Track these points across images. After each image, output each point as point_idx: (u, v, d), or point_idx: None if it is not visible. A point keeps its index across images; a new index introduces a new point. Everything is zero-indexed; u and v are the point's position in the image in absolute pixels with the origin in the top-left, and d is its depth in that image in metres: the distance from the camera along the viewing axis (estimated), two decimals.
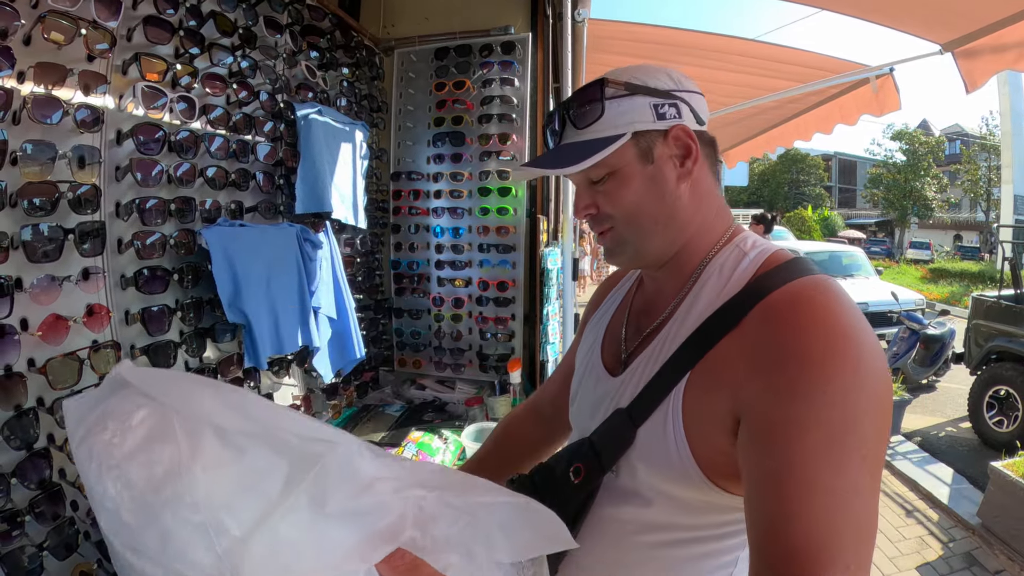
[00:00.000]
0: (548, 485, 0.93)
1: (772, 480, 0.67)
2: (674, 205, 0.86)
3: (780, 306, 0.74)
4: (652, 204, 0.85)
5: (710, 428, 0.76)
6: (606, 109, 0.84)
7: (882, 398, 0.69)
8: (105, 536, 0.49)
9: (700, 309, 0.83)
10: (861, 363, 0.67)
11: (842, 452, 0.65)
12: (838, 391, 0.66)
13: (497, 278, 2.47)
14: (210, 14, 1.47)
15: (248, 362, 1.56)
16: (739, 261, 0.83)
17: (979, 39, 2.60)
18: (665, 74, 0.86)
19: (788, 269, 0.78)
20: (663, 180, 0.85)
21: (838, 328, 0.69)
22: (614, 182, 0.85)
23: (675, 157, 0.85)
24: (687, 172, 0.85)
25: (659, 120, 0.84)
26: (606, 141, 0.83)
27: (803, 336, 0.69)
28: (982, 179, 28.26)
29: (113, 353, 1.22)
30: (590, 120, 0.85)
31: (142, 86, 1.27)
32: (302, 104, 1.87)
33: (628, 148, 0.84)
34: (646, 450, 0.82)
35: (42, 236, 1.08)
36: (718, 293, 0.82)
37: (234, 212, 1.60)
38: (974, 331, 5.98)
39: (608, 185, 0.86)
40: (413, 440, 1.93)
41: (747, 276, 0.80)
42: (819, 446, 0.65)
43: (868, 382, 0.67)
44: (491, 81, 2.44)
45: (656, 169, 0.85)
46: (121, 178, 1.27)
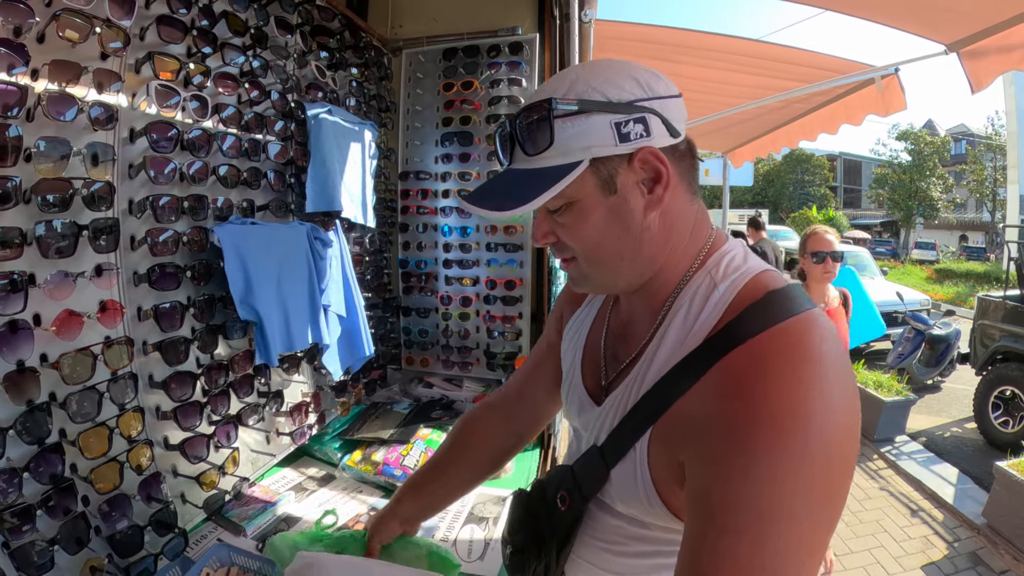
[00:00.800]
0: (541, 507, 0.96)
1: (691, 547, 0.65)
2: (640, 238, 0.77)
3: (736, 371, 0.68)
4: (615, 239, 0.77)
5: (673, 480, 0.74)
6: (556, 133, 0.73)
7: (834, 473, 0.63)
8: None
9: (666, 353, 0.78)
10: (808, 446, 0.62)
11: (767, 538, 0.61)
12: (771, 475, 0.61)
13: (505, 277, 2.47)
14: (222, 14, 1.47)
15: (259, 359, 1.56)
16: (708, 295, 0.77)
17: (984, 39, 2.60)
18: (631, 79, 0.75)
19: (756, 314, 0.71)
20: (628, 212, 0.76)
21: (789, 405, 0.63)
22: (572, 215, 0.76)
23: (642, 183, 0.76)
24: (656, 200, 0.76)
25: (622, 143, 0.72)
26: (559, 171, 0.73)
27: (748, 411, 0.64)
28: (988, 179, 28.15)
29: (126, 349, 1.22)
30: (540, 147, 0.74)
31: (156, 84, 1.27)
32: (312, 104, 1.86)
33: (587, 177, 0.74)
34: (620, 490, 0.82)
35: (56, 232, 1.08)
36: (684, 337, 0.76)
37: (246, 210, 1.60)
38: (980, 331, 5.97)
39: (566, 217, 0.77)
40: (422, 437, 1.93)
41: (713, 320, 0.74)
42: (745, 531, 0.61)
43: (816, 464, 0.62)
44: (499, 81, 2.43)
45: (620, 200, 0.75)
46: (134, 175, 1.27)
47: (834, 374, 0.65)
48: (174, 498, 1.38)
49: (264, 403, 1.67)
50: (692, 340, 0.75)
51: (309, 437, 1.90)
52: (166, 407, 1.36)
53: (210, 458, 1.46)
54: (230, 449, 1.54)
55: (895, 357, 7.03)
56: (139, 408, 1.26)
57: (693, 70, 4.17)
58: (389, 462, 1.79)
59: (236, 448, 1.56)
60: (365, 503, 1.72)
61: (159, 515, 1.28)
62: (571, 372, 1.00)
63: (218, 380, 1.49)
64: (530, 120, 0.74)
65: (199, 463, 1.42)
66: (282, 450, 1.81)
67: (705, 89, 4.52)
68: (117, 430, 1.20)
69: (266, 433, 1.72)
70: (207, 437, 1.43)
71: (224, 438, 1.52)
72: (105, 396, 1.17)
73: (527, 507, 0.99)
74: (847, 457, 0.65)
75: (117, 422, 1.20)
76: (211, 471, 1.46)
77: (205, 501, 1.46)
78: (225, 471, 1.52)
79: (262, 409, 1.66)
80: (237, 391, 1.56)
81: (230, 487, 1.56)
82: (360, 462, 1.83)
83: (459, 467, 1.25)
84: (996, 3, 2.35)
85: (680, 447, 0.72)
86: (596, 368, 0.94)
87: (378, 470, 1.78)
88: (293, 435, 1.80)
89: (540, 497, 0.97)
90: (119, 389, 1.21)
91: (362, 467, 1.81)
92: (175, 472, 1.40)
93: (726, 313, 0.73)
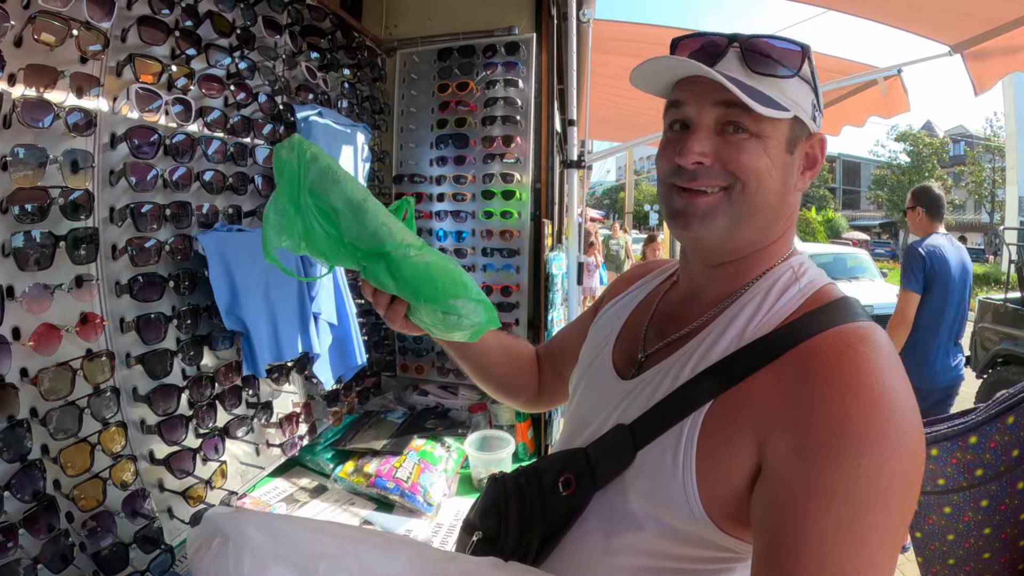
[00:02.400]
0: (534, 491, 0.87)
1: (785, 550, 0.62)
2: (785, 202, 0.81)
3: (823, 356, 0.68)
4: (776, 187, 0.78)
5: (726, 469, 0.70)
6: (797, 76, 0.78)
7: (915, 472, 0.65)
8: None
9: (737, 331, 0.76)
10: (901, 436, 0.63)
11: (864, 530, 0.60)
12: (873, 464, 0.61)
13: (501, 282, 2.43)
14: (207, 14, 1.44)
15: (246, 370, 1.53)
16: (788, 287, 0.78)
17: (989, 40, 2.57)
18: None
19: (835, 311, 0.73)
20: (790, 175, 0.80)
21: (883, 394, 0.64)
22: (757, 143, 0.76)
23: (803, 161, 0.82)
24: (804, 182, 0.83)
25: (812, 121, 0.80)
26: (776, 103, 0.75)
27: (844, 398, 0.64)
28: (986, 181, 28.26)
29: (108, 362, 1.19)
30: (775, 72, 0.77)
31: (136, 88, 1.23)
32: (302, 106, 1.83)
33: (785, 125, 0.77)
34: (645, 476, 0.76)
35: (34, 243, 1.04)
36: (760, 318, 0.76)
37: (232, 217, 1.57)
38: (980, 334, 5.94)
39: (751, 143, 0.75)
40: (415, 449, 1.89)
41: (792, 308, 0.76)
42: (841, 522, 0.61)
43: (904, 456, 0.63)
44: (495, 82, 2.39)
45: (791, 162, 0.80)
46: (115, 182, 1.24)
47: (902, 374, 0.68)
48: (160, 513, 1.34)
49: (252, 415, 1.64)
50: (767, 324, 0.75)
51: (300, 448, 1.87)
52: (151, 421, 1.32)
53: (197, 472, 1.42)
54: (218, 462, 1.50)
55: None
56: (122, 423, 1.22)
57: None
58: (381, 474, 1.76)
59: (224, 461, 1.52)
60: (357, 515, 1.69)
61: (144, 531, 1.25)
62: (597, 350, 0.97)
63: (204, 392, 1.45)
64: (784, 48, 0.77)
65: (186, 477, 1.38)
66: (272, 462, 1.77)
67: None
68: (99, 446, 1.16)
69: (255, 445, 1.68)
70: (193, 451, 1.40)
71: (211, 451, 1.48)
72: (86, 411, 1.13)
73: (512, 491, 0.90)
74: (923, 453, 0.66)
75: (99, 438, 1.16)
76: (198, 485, 1.42)
77: (192, 516, 1.42)
78: (213, 485, 1.48)
79: (250, 421, 1.62)
80: (224, 403, 1.52)
81: (218, 501, 1.53)
82: (352, 474, 1.80)
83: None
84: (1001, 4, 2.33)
85: (751, 430, 0.69)
86: (632, 344, 0.90)
87: (370, 482, 1.75)
88: (283, 446, 1.77)
89: (534, 481, 0.89)
90: (100, 404, 1.17)
91: (354, 479, 1.78)
92: (161, 487, 1.36)
93: (805, 304, 0.76)
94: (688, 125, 0.79)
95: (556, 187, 2.85)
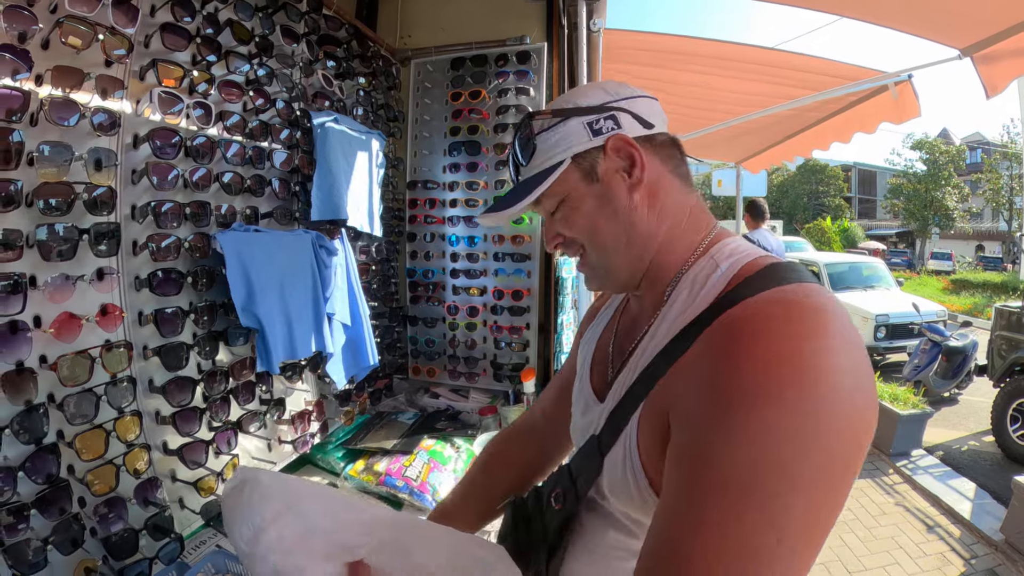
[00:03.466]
0: (536, 510, 0.94)
1: (665, 511, 0.63)
2: (630, 218, 0.82)
3: (729, 324, 0.67)
4: (608, 222, 0.83)
5: (659, 455, 0.70)
6: (538, 143, 0.84)
7: (832, 442, 0.58)
8: None
9: (664, 331, 0.78)
10: (804, 399, 0.57)
11: (747, 498, 0.56)
12: (759, 429, 0.57)
13: (512, 287, 2.45)
14: (227, 22, 1.48)
15: (260, 366, 1.56)
16: (710, 275, 0.77)
17: (999, 43, 2.55)
18: (599, 89, 0.85)
19: (758, 280, 0.71)
20: (614, 196, 0.82)
21: (785, 353, 0.60)
22: (566, 208, 0.84)
23: (621, 170, 0.82)
24: (637, 181, 0.82)
25: (595, 136, 0.81)
26: (548, 172, 0.82)
27: (737, 359, 0.61)
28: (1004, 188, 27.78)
29: (125, 353, 1.23)
30: (528, 156, 0.85)
31: (159, 91, 1.27)
32: (318, 112, 1.87)
33: (571, 172, 0.82)
34: (610, 477, 0.80)
35: (57, 236, 1.09)
36: (683, 313, 0.76)
37: (249, 217, 1.61)
38: (997, 343, 5.87)
39: (562, 212, 0.85)
40: (425, 448, 1.91)
41: (715, 292, 0.74)
42: (719, 487, 0.57)
43: (809, 422, 0.57)
44: (506, 91, 2.43)
45: (604, 187, 0.82)
46: (137, 181, 1.28)
47: (839, 342, 0.61)
48: (172, 503, 1.37)
49: (265, 410, 1.66)
50: (691, 313, 0.75)
51: (311, 446, 1.89)
52: (165, 412, 1.36)
53: (209, 464, 1.45)
54: (230, 456, 1.53)
55: (911, 369, 6.93)
56: (137, 412, 1.26)
57: (701, 78, 4.16)
58: (391, 473, 1.77)
59: (236, 455, 1.55)
60: None
61: (155, 519, 1.28)
62: (581, 376, 1.01)
63: (218, 386, 1.48)
64: (519, 136, 0.87)
65: (197, 468, 1.42)
66: (284, 458, 1.79)
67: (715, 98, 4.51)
68: (114, 433, 1.20)
69: (267, 441, 1.71)
70: (206, 443, 1.43)
71: (224, 444, 1.51)
72: (103, 399, 1.17)
73: (522, 512, 0.97)
74: (855, 429, 0.60)
75: (114, 425, 1.20)
76: (209, 477, 1.45)
77: (203, 507, 1.45)
78: (224, 478, 1.51)
79: (263, 416, 1.65)
80: (238, 398, 1.55)
81: None
82: (363, 472, 1.81)
83: (489, 491, 1.20)
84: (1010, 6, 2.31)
85: (668, 407, 0.69)
86: (603, 367, 0.94)
87: (380, 480, 1.76)
88: (295, 443, 1.79)
89: (535, 500, 0.95)
90: (117, 392, 1.21)
91: (364, 477, 1.79)
92: (173, 477, 1.39)
93: (730, 283, 0.73)
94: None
95: None
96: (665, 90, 4.50)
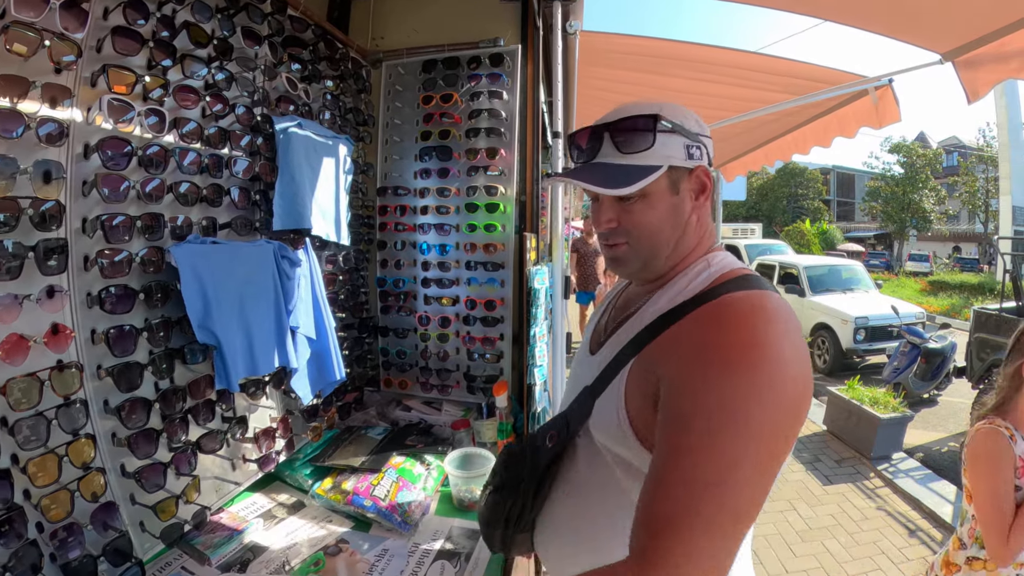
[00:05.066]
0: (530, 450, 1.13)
1: (654, 464, 0.83)
2: (684, 230, 1.03)
3: (710, 309, 0.91)
4: (668, 229, 1.02)
5: (642, 404, 0.93)
6: (656, 141, 0.98)
7: (780, 410, 0.81)
8: None
9: (659, 307, 1.00)
10: (761, 373, 0.80)
11: (716, 434, 0.78)
12: (727, 395, 0.79)
13: (485, 296, 2.44)
14: (184, 25, 1.45)
15: (219, 384, 1.53)
16: (701, 272, 1.01)
17: (980, 48, 2.57)
18: (693, 119, 1.03)
19: (735, 282, 0.95)
20: (682, 210, 1.02)
21: (748, 336, 0.83)
22: (643, 204, 1.00)
23: (693, 191, 1.03)
24: (699, 206, 1.04)
25: (689, 159, 1.00)
26: (648, 169, 0.97)
27: (713, 337, 0.85)
28: (980, 190, 28.75)
29: (77, 373, 1.20)
30: (638, 148, 0.98)
31: (108, 99, 1.24)
32: (281, 117, 1.84)
33: (663, 178, 0.99)
34: (599, 416, 1.01)
35: (4, 253, 1.06)
36: (674, 298, 0.99)
37: (207, 229, 1.57)
38: (976, 344, 6.00)
39: (637, 205, 1.00)
40: (394, 466, 1.89)
41: (701, 285, 0.98)
42: (693, 442, 0.79)
43: (766, 392, 0.80)
44: (479, 94, 2.42)
45: (679, 200, 1.01)
46: (88, 193, 1.25)
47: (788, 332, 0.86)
48: (133, 526, 1.35)
49: (227, 429, 1.63)
50: (680, 298, 0.98)
51: (277, 464, 1.86)
52: (122, 434, 1.32)
53: (169, 486, 1.42)
54: (190, 477, 1.50)
55: (891, 371, 7.07)
56: (91, 435, 1.23)
57: (682, 83, 4.19)
58: (359, 492, 1.75)
59: (196, 476, 1.52)
60: (333, 533, 1.68)
61: (114, 544, 1.26)
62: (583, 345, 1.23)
63: (176, 406, 1.45)
64: (635, 127, 0.99)
65: (157, 491, 1.39)
66: (248, 477, 1.77)
67: (694, 102, 4.52)
68: (67, 457, 1.17)
69: (231, 460, 1.68)
70: (164, 465, 1.40)
71: (184, 465, 1.48)
72: (54, 423, 1.14)
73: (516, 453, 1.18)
74: (797, 400, 0.82)
75: (67, 449, 1.17)
76: (169, 500, 1.42)
77: (163, 531, 1.42)
78: (186, 499, 1.48)
79: (224, 436, 1.62)
80: (197, 417, 1.52)
81: (190, 515, 1.52)
82: (330, 490, 1.79)
83: None
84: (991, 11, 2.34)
85: (658, 364, 0.91)
86: (600, 332, 1.16)
87: (348, 500, 1.74)
88: (260, 461, 1.76)
89: (530, 443, 1.15)
90: (70, 415, 1.18)
91: (332, 496, 1.77)
92: (133, 500, 1.36)
93: (714, 281, 0.97)
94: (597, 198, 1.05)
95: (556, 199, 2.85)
96: (644, 95, 4.53)
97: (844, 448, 5.65)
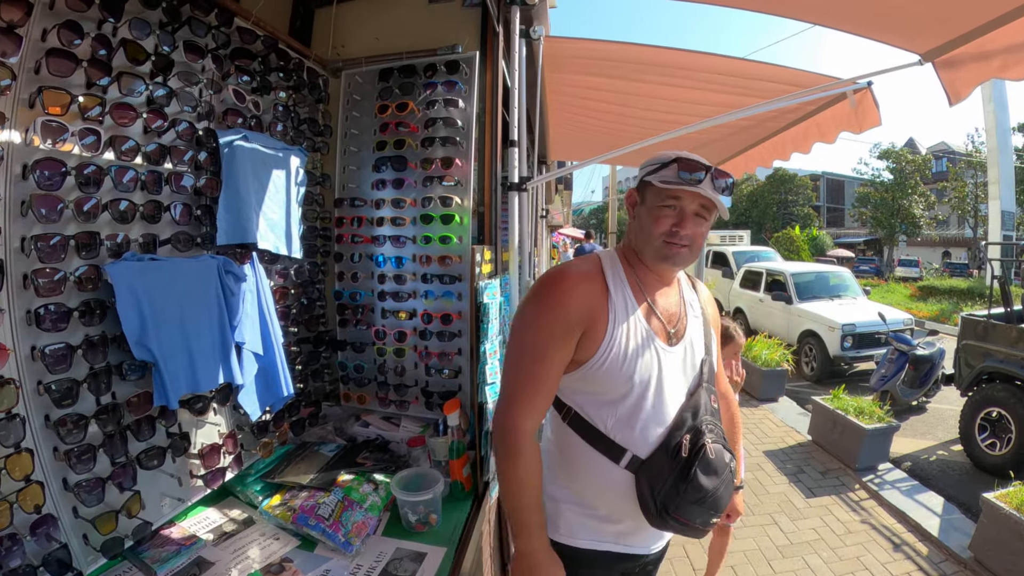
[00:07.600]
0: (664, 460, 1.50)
1: None
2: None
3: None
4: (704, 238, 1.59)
5: None
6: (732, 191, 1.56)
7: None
8: None
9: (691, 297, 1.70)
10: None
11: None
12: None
13: (442, 310, 2.47)
14: (120, 43, 1.52)
15: (157, 401, 1.58)
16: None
17: (960, 47, 2.54)
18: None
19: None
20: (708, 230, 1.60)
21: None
22: (706, 224, 1.54)
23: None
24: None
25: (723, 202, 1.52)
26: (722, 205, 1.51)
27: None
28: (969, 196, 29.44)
29: (14, 389, 1.27)
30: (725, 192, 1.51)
31: (41, 120, 1.31)
32: (226, 131, 1.90)
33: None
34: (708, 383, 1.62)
35: None
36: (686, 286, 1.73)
37: (146, 245, 1.63)
38: (964, 351, 6.07)
39: (704, 225, 1.53)
40: (341, 485, 1.94)
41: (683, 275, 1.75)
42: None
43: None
44: (435, 102, 2.45)
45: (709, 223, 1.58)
46: (25, 214, 1.32)
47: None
48: (76, 539, 1.42)
49: (169, 444, 1.69)
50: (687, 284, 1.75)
51: (226, 480, 1.92)
52: (62, 448, 1.39)
53: (111, 500, 1.49)
54: (131, 492, 1.56)
55: (878, 379, 7.18)
56: (30, 449, 1.30)
57: (652, 88, 4.22)
58: (304, 511, 1.80)
59: (138, 491, 1.58)
60: (280, 551, 1.74)
61: (55, 555, 1.33)
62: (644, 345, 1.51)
63: (115, 421, 1.52)
64: (731, 183, 1.53)
65: (96, 505, 1.46)
66: (195, 493, 1.82)
67: (666, 108, 4.58)
68: (4, 471, 1.24)
69: (176, 476, 1.73)
70: (103, 480, 1.46)
71: (126, 480, 1.55)
72: None
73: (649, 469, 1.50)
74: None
75: (4, 463, 1.25)
76: (108, 514, 1.49)
77: (103, 544, 1.48)
78: (130, 514, 1.55)
79: (167, 451, 1.68)
80: (136, 433, 1.58)
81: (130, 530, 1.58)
82: (278, 507, 1.84)
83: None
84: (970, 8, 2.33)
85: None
86: (659, 324, 1.56)
87: (293, 518, 1.79)
88: (207, 477, 1.82)
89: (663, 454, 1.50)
90: (8, 429, 1.26)
91: (279, 513, 1.82)
92: (76, 513, 1.44)
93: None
94: (677, 207, 1.50)
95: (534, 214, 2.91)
96: (612, 100, 4.60)
97: (829, 459, 5.72)
